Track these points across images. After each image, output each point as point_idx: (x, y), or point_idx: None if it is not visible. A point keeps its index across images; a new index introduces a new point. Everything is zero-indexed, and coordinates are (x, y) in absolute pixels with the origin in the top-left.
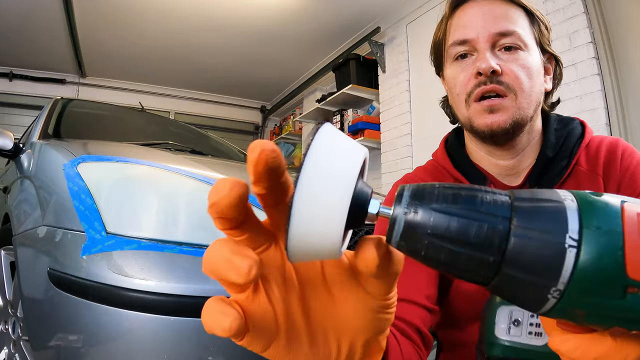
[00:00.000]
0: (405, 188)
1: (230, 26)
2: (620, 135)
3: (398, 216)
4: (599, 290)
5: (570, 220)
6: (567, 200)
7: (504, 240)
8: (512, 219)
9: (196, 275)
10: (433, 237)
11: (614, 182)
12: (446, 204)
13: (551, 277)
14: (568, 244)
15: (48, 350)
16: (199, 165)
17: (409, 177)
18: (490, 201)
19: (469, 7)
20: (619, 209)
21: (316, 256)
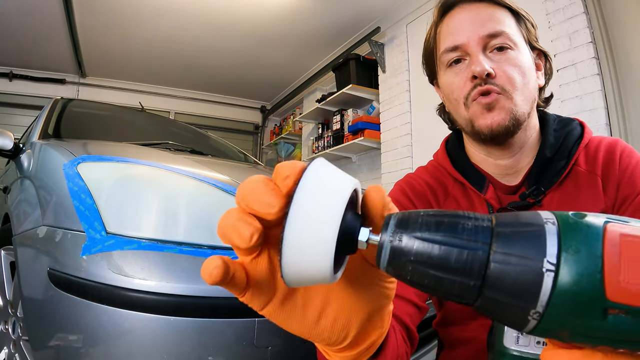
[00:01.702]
0: (392, 217)
1: (230, 26)
2: (620, 135)
3: (384, 244)
4: (578, 312)
5: (548, 244)
6: (549, 223)
7: (484, 265)
8: (492, 244)
9: (196, 275)
10: (416, 263)
11: (613, 182)
12: (429, 232)
13: (529, 300)
14: (546, 268)
15: (48, 350)
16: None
17: (411, 176)
18: (472, 228)
19: (455, 13)
20: (601, 230)
21: (311, 282)
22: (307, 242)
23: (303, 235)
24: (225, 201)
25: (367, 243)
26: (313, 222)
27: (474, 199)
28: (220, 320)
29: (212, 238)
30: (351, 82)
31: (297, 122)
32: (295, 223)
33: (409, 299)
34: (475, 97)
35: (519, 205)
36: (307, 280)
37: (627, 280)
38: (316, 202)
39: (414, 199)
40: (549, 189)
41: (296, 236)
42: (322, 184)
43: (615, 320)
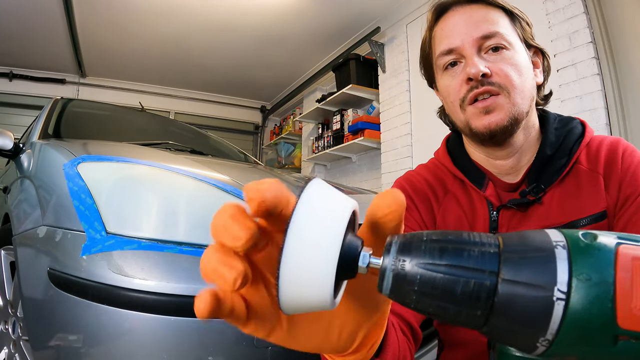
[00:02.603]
0: (394, 240)
1: (230, 26)
2: (620, 135)
3: (387, 270)
4: (588, 340)
5: (559, 271)
6: (559, 247)
7: (492, 294)
8: (499, 271)
9: (196, 275)
10: (420, 294)
11: (615, 181)
12: (433, 259)
13: (539, 329)
14: (556, 297)
15: (48, 350)
16: (199, 165)
17: (411, 174)
18: (478, 255)
19: (449, 17)
20: (613, 254)
21: (310, 310)
22: (305, 272)
23: (301, 265)
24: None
25: (368, 268)
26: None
27: (473, 196)
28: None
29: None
30: (351, 82)
31: (297, 122)
32: (292, 252)
33: None
34: (472, 101)
35: (519, 202)
36: (305, 308)
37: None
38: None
39: (414, 196)
40: (549, 187)
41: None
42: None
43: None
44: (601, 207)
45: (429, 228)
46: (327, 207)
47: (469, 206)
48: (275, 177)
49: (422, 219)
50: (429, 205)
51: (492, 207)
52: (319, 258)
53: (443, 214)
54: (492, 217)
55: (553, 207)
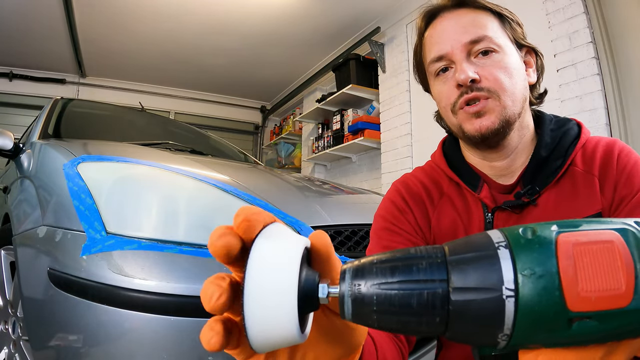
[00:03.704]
0: (347, 269)
1: (230, 26)
2: (620, 135)
3: (345, 296)
4: (544, 327)
5: (504, 270)
6: (501, 247)
7: (445, 301)
8: (449, 278)
9: (196, 275)
10: (380, 312)
11: (611, 182)
12: (385, 279)
13: (495, 326)
14: (505, 295)
15: (48, 350)
16: (199, 165)
17: (407, 176)
18: (426, 266)
19: (438, 23)
20: (553, 245)
21: (281, 345)
22: (268, 313)
23: (263, 307)
24: (225, 201)
25: (328, 298)
26: (271, 292)
27: (468, 198)
28: None
29: None
30: (351, 82)
31: (297, 122)
32: (252, 296)
33: None
34: (462, 106)
35: (513, 205)
36: (276, 345)
37: (585, 289)
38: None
39: (408, 199)
40: (544, 189)
41: (256, 309)
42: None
43: (580, 326)
44: (596, 209)
45: (423, 231)
46: (279, 251)
47: (464, 209)
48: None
49: (416, 222)
50: (423, 208)
51: (487, 209)
52: (279, 299)
53: (438, 217)
54: (487, 219)
55: (548, 209)
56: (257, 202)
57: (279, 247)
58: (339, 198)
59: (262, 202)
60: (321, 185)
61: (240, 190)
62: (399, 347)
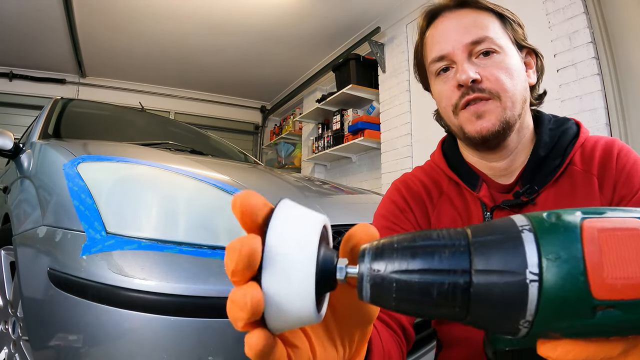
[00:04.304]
0: (366, 249)
1: (230, 26)
2: (620, 135)
3: (363, 279)
4: (567, 315)
5: (528, 254)
6: (525, 231)
7: (466, 291)
8: (471, 262)
9: (196, 275)
10: (399, 300)
11: (610, 182)
12: (406, 266)
13: (518, 312)
14: (529, 279)
15: (48, 350)
16: (199, 165)
17: (407, 176)
18: (449, 255)
19: (439, 23)
20: (579, 230)
21: (297, 325)
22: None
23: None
24: (225, 201)
25: (346, 278)
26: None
27: (467, 197)
28: (220, 320)
29: (212, 238)
30: (351, 82)
31: (297, 122)
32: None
33: None
34: (463, 106)
35: (512, 204)
36: (293, 325)
37: (610, 276)
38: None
39: (409, 198)
40: (543, 188)
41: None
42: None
43: (604, 315)
44: None
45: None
46: (297, 228)
47: (463, 207)
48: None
49: (416, 221)
50: (423, 207)
51: (485, 208)
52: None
53: (437, 216)
54: (486, 218)
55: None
56: None
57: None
58: (339, 198)
59: None
60: (321, 185)
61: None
62: (398, 344)
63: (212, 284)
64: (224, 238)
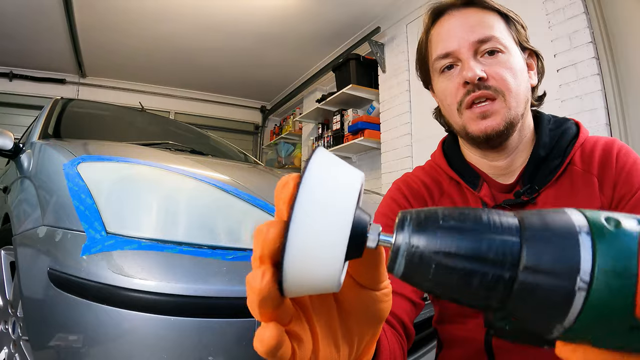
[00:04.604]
0: (407, 217)
1: (230, 26)
2: (620, 135)
3: (399, 252)
4: (604, 328)
5: (582, 259)
6: (582, 233)
7: (509, 286)
8: (521, 255)
9: (196, 275)
10: (435, 283)
11: (610, 181)
12: (449, 249)
13: (557, 317)
14: (578, 287)
15: (48, 350)
16: (199, 165)
17: (408, 175)
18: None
19: (445, 20)
20: (636, 243)
21: (313, 291)
22: (314, 248)
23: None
24: (225, 201)
25: (378, 245)
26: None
27: (468, 197)
28: (220, 320)
29: (212, 238)
30: (351, 82)
31: (297, 122)
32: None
33: (406, 296)
34: (469, 105)
35: (513, 203)
36: (309, 289)
37: None
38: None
39: (410, 197)
40: (543, 187)
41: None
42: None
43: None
44: (595, 208)
45: None
46: (336, 179)
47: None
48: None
49: None
50: (424, 206)
51: (486, 207)
52: (329, 233)
53: None
54: None
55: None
56: (257, 202)
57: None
58: None
59: (262, 202)
60: None
61: (240, 190)
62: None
63: (212, 284)
64: (224, 238)
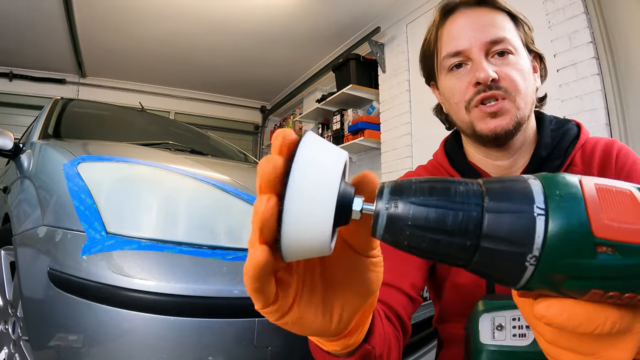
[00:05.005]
0: (385, 185)
1: (230, 26)
2: (620, 135)
3: (380, 211)
4: (571, 251)
5: (535, 194)
6: (530, 179)
7: (479, 225)
8: (484, 200)
9: (196, 275)
10: (414, 227)
11: None
12: (423, 197)
13: (526, 244)
14: (537, 213)
15: (48, 350)
16: (199, 165)
17: (410, 174)
18: (463, 191)
19: (457, 18)
20: (577, 180)
21: (309, 254)
22: (306, 217)
23: (302, 210)
24: (225, 201)
25: (362, 212)
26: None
27: None
28: (220, 320)
29: (212, 238)
30: (351, 82)
31: (297, 122)
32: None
33: (404, 290)
34: (478, 104)
35: None
36: (305, 253)
37: (609, 217)
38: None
39: None
40: None
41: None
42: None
43: (604, 257)
44: None
45: None
46: (323, 157)
47: None
48: None
49: None
50: None
51: None
52: (318, 203)
53: None
54: None
55: None
56: None
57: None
58: None
59: None
60: None
61: (240, 190)
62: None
63: (212, 284)
64: (224, 238)
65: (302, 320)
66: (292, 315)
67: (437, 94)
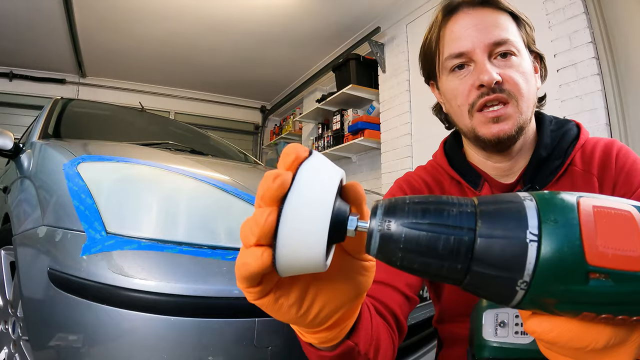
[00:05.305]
0: (379, 204)
1: (230, 26)
2: (620, 135)
3: (374, 231)
4: (562, 278)
5: (529, 217)
6: (526, 200)
7: (470, 249)
8: (477, 222)
9: (196, 275)
10: (405, 251)
11: (609, 182)
12: (415, 220)
13: (516, 270)
14: (529, 239)
15: (48, 350)
16: (199, 165)
17: (410, 174)
18: (456, 213)
19: (459, 18)
20: (575, 203)
21: (304, 271)
22: (300, 235)
23: (297, 228)
24: (225, 201)
25: (356, 231)
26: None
27: (469, 196)
28: (220, 320)
29: (212, 238)
30: (351, 82)
31: (297, 122)
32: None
33: (399, 289)
34: (481, 108)
35: None
36: (299, 269)
37: (604, 244)
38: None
39: (411, 194)
40: (544, 188)
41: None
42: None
43: (597, 284)
44: None
45: None
46: (319, 178)
47: None
48: None
49: None
50: None
51: None
52: (313, 222)
53: None
54: None
55: None
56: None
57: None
58: None
59: None
60: None
61: (240, 190)
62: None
63: (212, 284)
64: (224, 238)
65: (276, 306)
66: (268, 300)
67: (436, 94)
